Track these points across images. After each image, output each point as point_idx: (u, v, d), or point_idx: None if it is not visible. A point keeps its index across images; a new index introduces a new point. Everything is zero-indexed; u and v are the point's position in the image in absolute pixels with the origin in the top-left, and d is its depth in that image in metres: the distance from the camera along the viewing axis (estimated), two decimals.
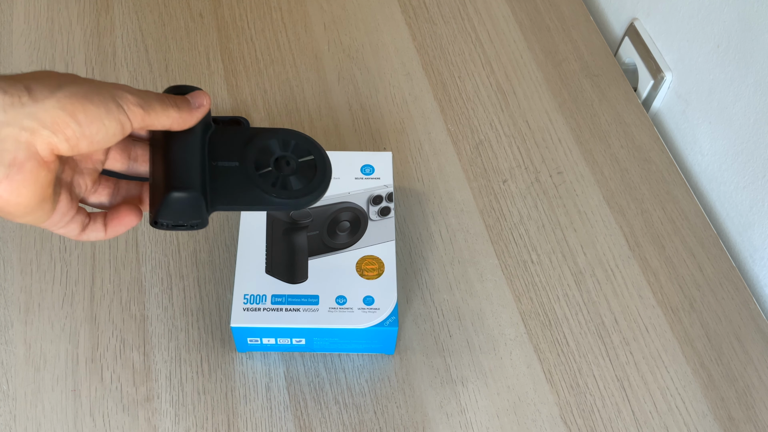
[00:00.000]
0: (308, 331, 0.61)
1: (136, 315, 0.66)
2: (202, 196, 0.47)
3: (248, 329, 0.61)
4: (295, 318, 0.61)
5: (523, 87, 0.85)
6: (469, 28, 0.90)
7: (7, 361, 0.63)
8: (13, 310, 0.66)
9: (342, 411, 0.62)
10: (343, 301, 0.61)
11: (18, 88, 0.39)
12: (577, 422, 0.63)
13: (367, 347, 0.64)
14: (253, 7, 0.90)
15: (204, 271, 0.69)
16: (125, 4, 0.89)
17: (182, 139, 0.48)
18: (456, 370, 0.65)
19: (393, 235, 0.65)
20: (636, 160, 0.79)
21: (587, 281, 0.70)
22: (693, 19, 0.78)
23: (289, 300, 0.61)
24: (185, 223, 0.48)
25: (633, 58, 0.88)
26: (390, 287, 0.62)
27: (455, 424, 0.62)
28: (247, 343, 0.63)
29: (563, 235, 0.73)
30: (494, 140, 0.80)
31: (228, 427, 0.61)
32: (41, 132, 0.39)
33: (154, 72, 0.83)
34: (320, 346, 0.63)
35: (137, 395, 0.62)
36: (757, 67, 0.70)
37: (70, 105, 0.40)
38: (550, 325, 0.68)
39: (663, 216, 0.75)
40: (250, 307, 0.61)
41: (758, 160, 0.72)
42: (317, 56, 0.86)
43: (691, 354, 0.67)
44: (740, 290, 0.70)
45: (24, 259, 0.69)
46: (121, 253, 0.70)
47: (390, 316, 0.61)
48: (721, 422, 0.63)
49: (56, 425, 0.61)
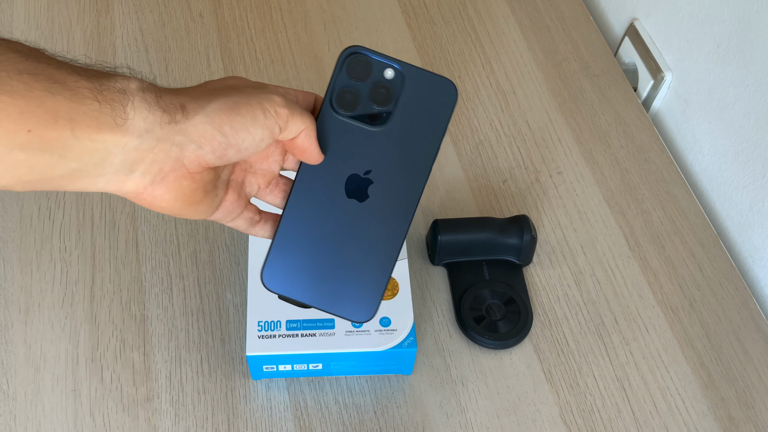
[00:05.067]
0: (326, 356, 0.60)
1: (136, 315, 0.66)
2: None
3: (264, 357, 0.60)
4: (312, 343, 0.59)
5: (523, 87, 0.85)
6: (469, 28, 0.90)
7: (7, 361, 0.63)
8: (13, 310, 0.66)
9: (342, 411, 0.62)
10: (360, 323, 0.60)
11: (175, 106, 0.43)
12: (577, 422, 0.63)
13: (385, 369, 0.63)
14: (253, 7, 0.90)
15: (204, 271, 0.69)
16: (125, 4, 0.89)
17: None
18: (456, 370, 0.65)
19: (405, 253, 0.64)
20: (636, 160, 0.79)
21: (587, 281, 0.70)
22: (693, 19, 0.78)
23: (304, 325, 0.60)
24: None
25: (633, 58, 0.88)
26: (406, 307, 0.61)
27: (455, 424, 0.62)
28: (263, 370, 0.61)
29: (563, 235, 0.73)
30: (494, 140, 0.80)
31: (228, 427, 0.61)
32: (189, 146, 0.43)
33: (154, 72, 0.83)
34: (337, 370, 0.62)
35: (137, 395, 0.62)
36: (757, 67, 0.70)
37: (218, 118, 0.44)
38: (550, 325, 0.68)
39: (663, 216, 0.75)
40: (265, 335, 0.60)
41: (758, 160, 0.72)
42: (317, 56, 0.86)
43: (691, 354, 0.67)
44: (740, 290, 0.70)
45: (24, 259, 0.69)
46: (121, 253, 0.70)
47: (408, 336, 0.60)
48: (721, 422, 0.63)
49: (56, 425, 0.61)
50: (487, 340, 0.65)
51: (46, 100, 0.39)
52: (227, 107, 0.45)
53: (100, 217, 0.72)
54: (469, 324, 0.65)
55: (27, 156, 0.39)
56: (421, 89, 0.50)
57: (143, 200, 0.45)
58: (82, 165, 0.41)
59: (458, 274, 0.69)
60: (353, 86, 0.49)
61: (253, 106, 0.45)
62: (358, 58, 0.49)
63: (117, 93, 0.41)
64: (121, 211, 0.72)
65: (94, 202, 0.73)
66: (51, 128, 0.39)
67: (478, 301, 0.67)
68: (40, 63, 0.40)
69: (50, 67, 0.40)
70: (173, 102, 0.43)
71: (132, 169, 0.43)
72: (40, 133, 0.39)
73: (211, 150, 0.44)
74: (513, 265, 0.69)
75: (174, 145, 0.43)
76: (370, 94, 0.50)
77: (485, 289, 0.67)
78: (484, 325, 0.66)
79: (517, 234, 0.68)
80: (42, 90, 0.39)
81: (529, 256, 0.69)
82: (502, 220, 0.69)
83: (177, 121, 0.43)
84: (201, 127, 0.44)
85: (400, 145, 0.51)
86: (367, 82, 0.49)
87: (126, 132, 0.41)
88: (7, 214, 0.71)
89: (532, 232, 0.68)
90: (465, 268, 0.69)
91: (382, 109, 0.50)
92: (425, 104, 0.50)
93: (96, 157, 0.41)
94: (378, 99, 0.50)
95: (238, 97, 0.46)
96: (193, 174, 0.45)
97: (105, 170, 0.42)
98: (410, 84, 0.50)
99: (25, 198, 0.72)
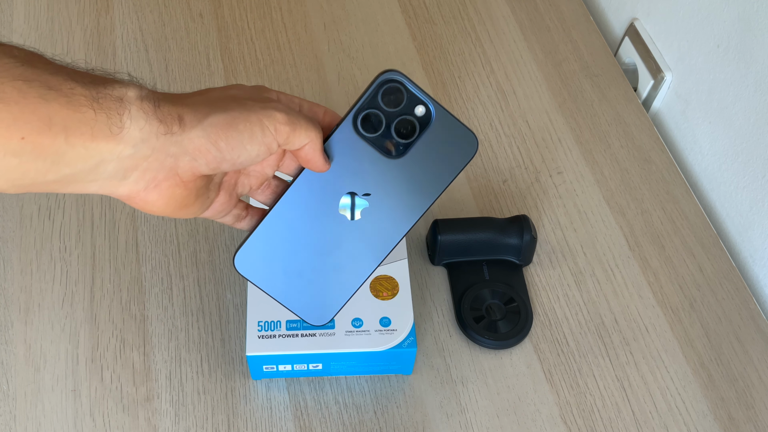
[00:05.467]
0: (326, 356, 0.60)
1: (136, 315, 0.66)
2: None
3: (264, 357, 0.60)
4: (312, 343, 0.59)
5: (523, 87, 0.85)
6: (469, 28, 0.90)
7: (7, 361, 0.63)
8: (13, 310, 0.66)
9: (342, 411, 0.62)
10: (360, 323, 0.60)
11: (173, 117, 0.43)
12: (577, 422, 0.63)
13: (385, 369, 0.63)
14: (253, 7, 0.90)
15: (204, 271, 0.69)
16: (125, 4, 0.89)
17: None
18: (456, 370, 0.65)
19: (405, 253, 0.64)
20: (636, 160, 0.79)
21: (587, 281, 0.70)
22: (693, 19, 0.78)
23: (304, 325, 0.60)
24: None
25: (633, 58, 0.88)
26: (406, 307, 0.61)
27: (455, 424, 0.62)
28: (263, 370, 0.61)
29: (563, 235, 0.73)
30: (494, 140, 0.80)
31: (228, 427, 0.61)
32: (183, 157, 0.44)
33: (154, 72, 0.83)
34: (337, 370, 0.62)
35: (137, 395, 0.62)
36: (757, 67, 0.70)
37: (214, 133, 0.44)
38: (550, 325, 0.68)
39: (663, 216, 0.75)
40: (265, 335, 0.60)
41: (758, 160, 0.72)
42: (317, 56, 0.86)
43: (691, 354, 0.67)
44: (740, 290, 0.70)
45: (24, 259, 0.69)
46: (121, 253, 0.70)
47: (408, 337, 0.60)
48: (721, 422, 0.63)
49: (56, 425, 0.61)
50: (487, 340, 0.65)
51: (41, 107, 0.39)
52: (225, 122, 0.44)
53: (100, 217, 0.72)
54: (469, 324, 0.65)
55: (20, 162, 0.39)
56: (444, 134, 0.50)
57: (135, 203, 0.45)
58: (75, 171, 0.41)
59: (458, 274, 0.69)
60: (382, 111, 0.49)
61: (252, 123, 0.45)
62: (395, 86, 0.48)
63: (114, 101, 0.41)
64: (121, 211, 0.72)
65: (94, 202, 0.73)
66: (45, 135, 0.39)
67: (478, 301, 0.67)
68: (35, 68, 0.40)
69: (46, 73, 0.40)
70: (171, 112, 0.43)
71: (125, 176, 0.43)
72: (34, 139, 0.39)
73: (205, 162, 0.45)
74: (513, 265, 0.69)
75: (169, 156, 0.43)
76: (396, 124, 0.49)
77: (485, 289, 0.67)
78: (484, 325, 0.66)
79: (517, 234, 0.68)
80: (36, 97, 0.39)
81: (529, 256, 0.69)
82: (502, 220, 0.69)
83: (173, 133, 0.43)
84: (197, 140, 0.44)
85: (406, 180, 0.51)
86: (396, 111, 0.49)
87: (121, 141, 0.41)
88: (7, 214, 0.71)
89: (532, 232, 0.68)
90: (465, 268, 0.69)
91: (401, 142, 0.50)
92: (443, 149, 0.50)
93: (89, 164, 0.41)
94: (401, 131, 0.50)
95: (237, 111, 0.45)
96: (186, 183, 0.45)
97: (98, 176, 0.42)
98: (436, 125, 0.49)
99: (25, 198, 0.72)
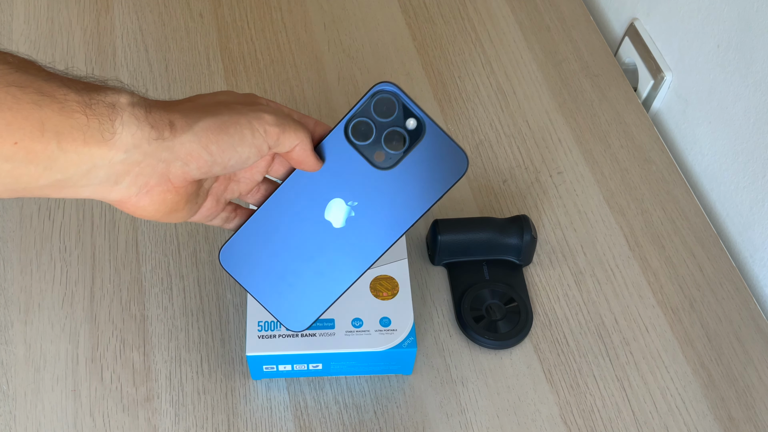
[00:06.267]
0: (326, 356, 0.60)
1: (136, 315, 0.66)
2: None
3: (264, 357, 0.60)
4: (312, 343, 0.59)
5: (523, 87, 0.85)
6: (469, 28, 0.90)
7: (7, 361, 0.63)
8: (13, 310, 0.66)
9: (342, 411, 0.62)
10: (360, 323, 0.60)
11: (164, 122, 0.43)
12: (577, 422, 0.63)
13: (385, 369, 0.63)
14: (253, 7, 0.90)
15: (204, 271, 0.69)
16: (125, 4, 0.89)
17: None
18: (456, 370, 0.65)
19: (405, 253, 0.64)
20: (636, 160, 0.79)
21: (587, 281, 0.70)
22: (693, 19, 0.78)
23: None
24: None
25: (633, 58, 0.88)
26: (406, 307, 0.61)
27: (455, 424, 0.62)
28: (263, 370, 0.61)
29: (563, 235, 0.73)
30: (494, 140, 0.80)
31: (228, 427, 0.61)
32: (175, 163, 0.44)
33: (154, 72, 0.83)
34: (337, 370, 0.62)
35: (137, 395, 0.62)
36: (757, 67, 0.70)
37: (205, 137, 0.45)
38: (550, 325, 0.68)
39: (663, 216, 0.75)
40: (265, 335, 0.60)
41: (758, 160, 0.72)
42: (317, 56, 0.86)
43: (691, 354, 0.67)
44: (740, 290, 0.70)
45: (24, 259, 0.69)
46: (121, 253, 0.70)
47: (408, 337, 0.60)
48: (721, 422, 0.63)
49: (56, 425, 0.61)
50: (487, 340, 0.65)
51: (34, 113, 0.39)
52: (215, 126, 0.45)
53: (100, 217, 0.72)
54: (469, 324, 0.65)
55: (12, 167, 0.39)
56: (435, 150, 0.50)
57: (126, 208, 0.46)
58: (68, 176, 0.41)
59: (458, 274, 0.69)
60: (373, 120, 0.49)
61: (241, 126, 0.46)
62: (388, 97, 0.48)
63: (106, 107, 0.41)
64: (121, 212, 0.72)
65: (94, 203, 0.73)
66: (37, 141, 0.39)
67: (478, 301, 0.67)
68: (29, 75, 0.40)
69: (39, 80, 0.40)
70: (162, 118, 0.43)
71: (118, 181, 0.43)
72: (26, 145, 0.39)
73: (197, 167, 0.45)
74: (513, 265, 0.69)
75: (160, 161, 0.44)
76: (386, 135, 0.49)
77: (485, 289, 0.67)
78: (484, 325, 0.66)
79: (517, 234, 0.68)
80: (30, 102, 0.39)
81: (529, 256, 0.69)
82: (502, 220, 0.69)
83: (165, 138, 0.43)
84: (188, 145, 0.44)
85: (393, 193, 0.51)
86: (388, 122, 0.49)
87: (113, 146, 0.42)
88: (7, 214, 0.71)
89: (532, 232, 0.68)
90: (465, 268, 0.69)
91: (391, 153, 0.50)
92: (432, 166, 0.50)
93: (82, 169, 0.42)
94: (390, 143, 0.50)
95: (227, 115, 0.46)
96: (178, 188, 0.46)
97: (90, 181, 0.43)
98: (427, 141, 0.49)
99: (25, 198, 0.72)
